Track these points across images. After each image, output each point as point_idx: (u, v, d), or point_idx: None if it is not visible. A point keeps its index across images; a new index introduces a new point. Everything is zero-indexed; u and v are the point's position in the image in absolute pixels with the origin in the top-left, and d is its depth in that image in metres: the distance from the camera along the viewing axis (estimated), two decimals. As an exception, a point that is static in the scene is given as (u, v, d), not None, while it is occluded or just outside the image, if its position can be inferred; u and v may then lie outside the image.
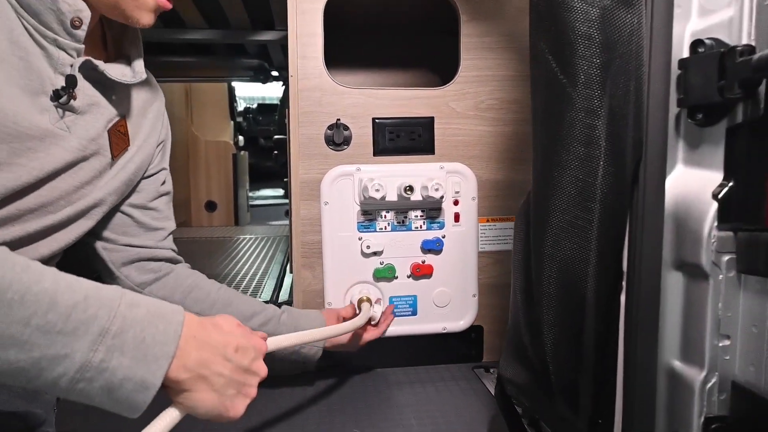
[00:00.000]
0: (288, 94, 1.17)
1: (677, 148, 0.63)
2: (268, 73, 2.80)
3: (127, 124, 0.76)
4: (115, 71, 0.70)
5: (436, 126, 1.19)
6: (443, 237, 1.19)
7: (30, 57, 0.60)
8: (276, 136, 5.36)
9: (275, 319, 0.97)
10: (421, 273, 1.19)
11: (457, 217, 1.20)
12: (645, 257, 0.61)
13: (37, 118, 0.61)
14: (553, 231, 0.67)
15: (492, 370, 1.22)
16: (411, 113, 1.18)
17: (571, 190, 0.64)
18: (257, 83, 2.99)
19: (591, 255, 0.64)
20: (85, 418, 0.92)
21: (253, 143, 5.90)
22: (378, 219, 1.17)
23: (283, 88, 3.32)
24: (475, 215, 1.21)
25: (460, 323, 1.23)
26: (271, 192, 5.77)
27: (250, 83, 3.12)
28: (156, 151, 0.85)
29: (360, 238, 1.16)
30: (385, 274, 1.18)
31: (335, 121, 1.15)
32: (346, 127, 1.16)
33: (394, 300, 1.20)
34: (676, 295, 0.63)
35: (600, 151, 0.62)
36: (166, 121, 0.89)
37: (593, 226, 0.64)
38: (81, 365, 0.47)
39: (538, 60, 0.66)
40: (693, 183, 0.61)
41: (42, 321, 0.45)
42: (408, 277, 1.19)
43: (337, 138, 1.15)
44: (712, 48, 0.58)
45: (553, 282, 0.68)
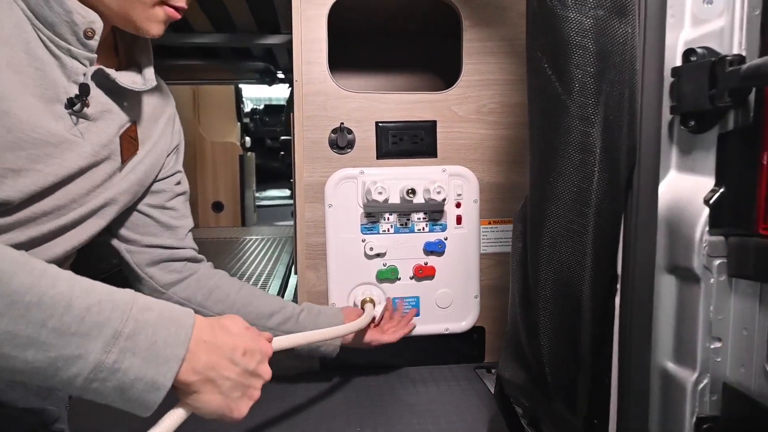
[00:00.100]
0: (293, 97, 1.19)
1: (671, 154, 0.64)
2: (274, 76, 2.83)
3: (138, 129, 0.78)
4: (126, 79, 0.72)
5: (438, 129, 1.21)
6: (445, 239, 1.21)
7: (45, 67, 0.63)
8: (283, 137, 5.39)
9: (294, 318, 1.00)
10: (423, 274, 1.20)
11: (459, 219, 1.21)
12: (639, 261, 0.62)
13: (53, 125, 0.63)
14: (549, 235, 0.68)
15: (493, 370, 1.23)
16: (414, 117, 1.20)
17: (566, 195, 0.66)
18: (263, 85, 3.02)
19: (586, 259, 0.66)
20: (95, 415, 0.95)
21: (260, 144, 5.93)
22: (381, 221, 1.19)
23: (290, 90, 3.34)
24: (477, 217, 1.23)
25: (462, 324, 1.24)
26: (277, 192, 5.81)
27: (257, 85, 3.15)
28: (169, 157, 0.88)
29: (363, 240, 1.18)
30: (388, 276, 1.19)
31: (339, 124, 1.17)
32: (350, 131, 1.18)
33: (397, 301, 1.21)
34: (669, 298, 0.64)
35: (595, 158, 0.63)
36: (179, 126, 0.91)
37: (588, 230, 0.65)
38: (95, 366, 0.48)
39: (534, 68, 0.67)
40: (686, 188, 0.63)
41: (58, 323, 0.47)
42: (411, 278, 1.21)
43: (341, 141, 1.17)
44: (704, 57, 0.59)
45: (549, 285, 0.69)
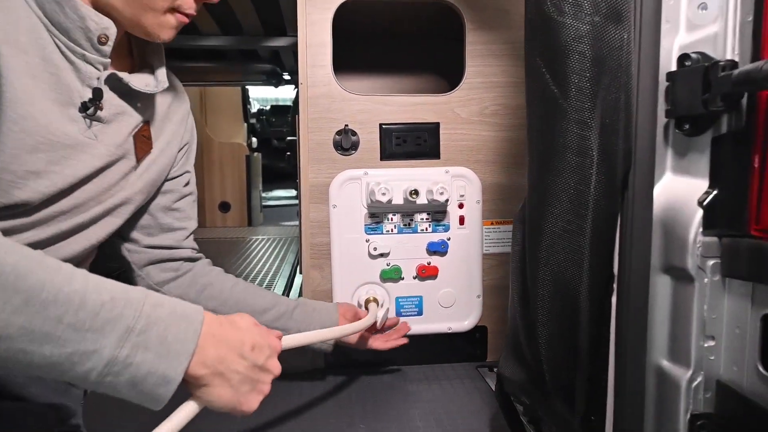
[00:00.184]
0: (299, 99, 1.21)
1: (666, 156, 0.66)
2: (281, 77, 2.85)
3: (151, 128, 0.80)
4: (138, 82, 0.74)
5: (441, 131, 1.22)
6: (448, 239, 1.22)
7: (60, 72, 0.65)
8: (289, 138, 5.40)
9: (287, 314, 1.01)
10: (426, 274, 1.22)
11: (461, 219, 1.23)
12: (635, 261, 0.64)
13: (68, 128, 0.66)
14: (547, 236, 0.70)
15: (495, 369, 1.24)
16: (417, 119, 1.22)
17: (564, 197, 0.67)
18: (270, 86, 3.04)
19: (584, 259, 0.67)
20: (109, 412, 0.97)
21: (267, 144, 5.95)
22: (385, 221, 1.20)
23: (296, 91, 3.36)
24: (480, 218, 1.24)
25: (465, 323, 1.26)
26: (284, 193, 5.83)
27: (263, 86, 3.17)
28: (180, 153, 0.89)
29: (367, 240, 1.20)
30: (391, 275, 1.21)
31: (343, 126, 1.19)
32: (354, 133, 1.20)
33: (400, 300, 1.23)
34: (664, 297, 0.66)
35: (592, 160, 0.65)
36: (191, 125, 0.93)
37: (586, 231, 0.67)
38: (109, 360, 0.50)
39: (532, 73, 0.69)
40: (680, 190, 0.64)
41: (73, 319, 0.49)
42: (414, 278, 1.23)
43: (346, 143, 1.19)
44: (698, 62, 0.61)
45: (547, 284, 0.71)
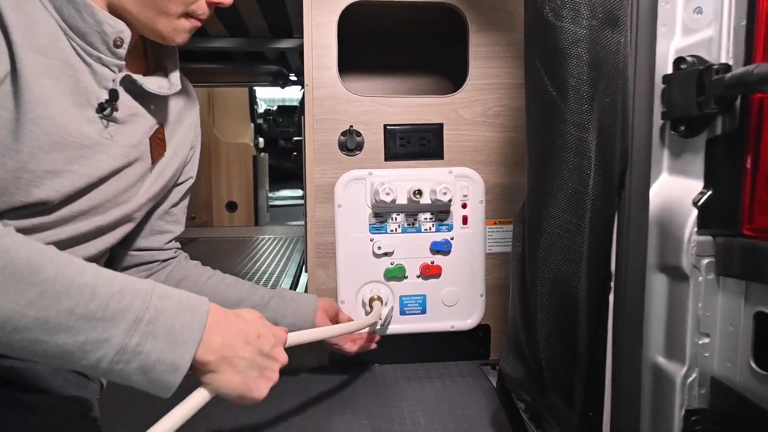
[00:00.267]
0: (305, 100, 1.23)
1: (662, 157, 0.67)
2: (287, 78, 2.88)
3: (165, 130, 0.82)
4: (152, 84, 0.76)
5: (445, 132, 1.24)
6: (452, 239, 1.24)
7: (78, 74, 0.67)
8: (295, 138, 5.44)
9: (261, 305, 0.99)
10: (430, 273, 1.24)
11: (465, 219, 1.25)
12: (631, 260, 0.65)
13: (86, 128, 0.68)
14: (546, 235, 0.71)
15: (497, 367, 1.26)
16: (421, 120, 1.23)
17: (562, 197, 0.69)
18: (276, 87, 3.07)
19: (582, 258, 0.69)
20: (124, 406, 0.99)
21: (273, 145, 5.99)
22: (389, 221, 1.22)
23: (302, 91, 3.39)
24: (483, 218, 1.26)
25: (468, 322, 1.27)
26: (290, 193, 5.87)
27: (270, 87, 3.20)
28: (188, 156, 0.91)
29: (371, 240, 1.22)
30: (395, 274, 1.23)
31: (348, 127, 1.21)
32: (359, 134, 1.22)
33: (404, 299, 1.25)
34: (660, 295, 0.67)
35: (589, 162, 0.66)
36: (198, 130, 0.95)
37: (583, 230, 0.68)
38: (119, 348, 0.53)
39: (532, 76, 0.71)
40: (676, 190, 0.65)
41: (85, 310, 0.52)
42: (417, 277, 1.24)
43: (350, 144, 1.21)
44: (693, 65, 0.62)
45: (546, 283, 0.73)
